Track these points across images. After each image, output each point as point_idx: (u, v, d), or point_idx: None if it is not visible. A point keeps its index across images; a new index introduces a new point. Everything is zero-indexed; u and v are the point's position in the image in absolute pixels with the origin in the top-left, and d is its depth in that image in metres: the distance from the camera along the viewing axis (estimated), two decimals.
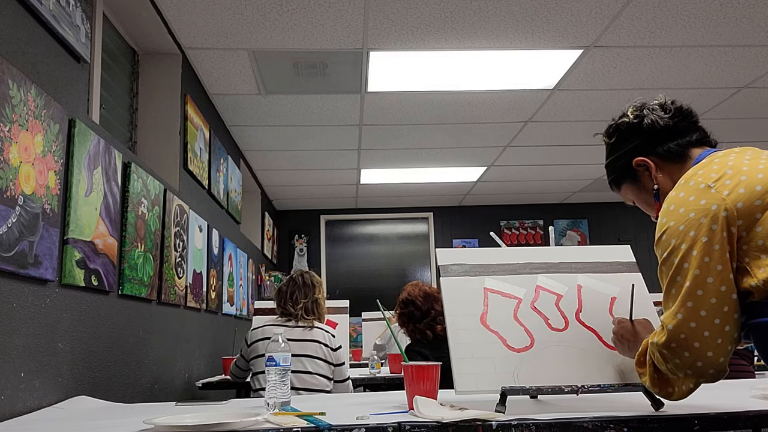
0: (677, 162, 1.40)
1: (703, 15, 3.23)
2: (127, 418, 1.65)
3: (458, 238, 7.74)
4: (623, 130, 1.47)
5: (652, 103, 1.46)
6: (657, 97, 1.47)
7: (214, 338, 4.14)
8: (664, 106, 1.44)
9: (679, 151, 1.40)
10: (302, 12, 3.07)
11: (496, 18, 3.19)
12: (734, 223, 1.17)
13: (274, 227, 7.28)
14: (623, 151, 1.47)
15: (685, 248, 1.19)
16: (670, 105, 1.44)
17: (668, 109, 1.43)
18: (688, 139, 1.41)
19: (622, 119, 1.48)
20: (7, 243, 1.68)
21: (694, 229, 1.19)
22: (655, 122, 1.42)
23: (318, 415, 1.42)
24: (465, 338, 1.54)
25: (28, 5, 1.87)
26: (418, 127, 4.79)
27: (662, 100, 1.45)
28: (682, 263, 1.19)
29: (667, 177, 1.41)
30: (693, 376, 1.21)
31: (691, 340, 1.17)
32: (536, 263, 1.71)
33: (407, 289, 2.91)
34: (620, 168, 1.49)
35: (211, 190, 4.04)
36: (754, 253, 1.16)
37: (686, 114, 1.43)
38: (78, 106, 2.22)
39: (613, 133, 1.50)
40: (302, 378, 2.72)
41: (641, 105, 1.46)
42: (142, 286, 2.69)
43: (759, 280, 1.14)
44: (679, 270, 1.20)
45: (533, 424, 1.32)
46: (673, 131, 1.41)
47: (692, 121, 1.43)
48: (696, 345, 1.17)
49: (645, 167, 1.43)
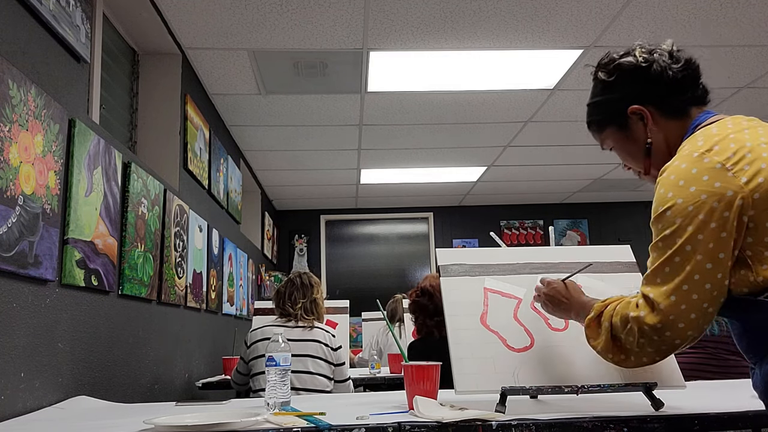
0: (675, 118, 1.31)
1: (703, 15, 3.23)
2: (127, 418, 1.65)
3: (458, 238, 7.74)
4: (626, 70, 1.33)
5: (661, 47, 1.33)
6: (665, 42, 1.34)
7: (214, 338, 4.14)
8: (673, 54, 1.32)
9: (680, 107, 1.31)
10: (302, 12, 3.07)
11: (496, 18, 3.19)
12: (747, 213, 1.11)
13: (274, 227, 7.28)
14: (620, 93, 1.34)
15: (691, 231, 1.12)
16: (678, 54, 1.32)
17: (677, 59, 1.31)
18: (691, 96, 1.31)
19: (626, 58, 1.34)
20: (7, 243, 1.68)
21: (703, 213, 1.11)
22: (664, 70, 1.30)
23: (318, 415, 1.42)
24: (465, 338, 1.54)
25: (28, 5, 1.87)
26: (418, 127, 4.79)
27: (670, 47, 1.32)
28: (685, 245, 1.13)
29: (661, 132, 1.32)
30: (666, 352, 1.18)
31: (677, 321, 1.14)
32: (536, 263, 1.71)
33: (429, 279, 2.80)
34: (611, 111, 1.36)
35: (211, 190, 4.04)
36: (758, 247, 1.11)
37: (694, 68, 1.32)
38: (78, 106, 2.22)
39: (613, 70, 1.35)
40: (302, 378, 2.72)
41: (650, 48, 1.33)
42: (142, 286, 2.69)
43: (759, 276, 1.11)
44: (680, 251, 1.14)
45: (533, 424, 1.32)
46: (679, 84, 1.30)
47: (697, 76, 1.33)
48: (680, 326, 1.14)
49: (640, 116, 1.32)
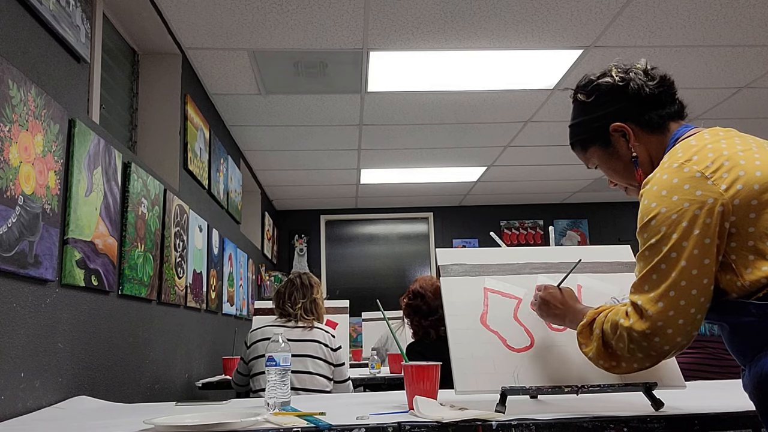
0: (655, 133, 1.36)
1: (703, 15, 3.23)
2: (127, 418, 1.65)
3: (458, 238, 7.74)
4: (604, 90, 1.39)
5: (635, 67, 1.39)
6: (639, 62, 1.40)
7: (214, 338, 4.14)
8: (648, 72, 1.38)
9: (659, 122, 1.35)
10: (302, 12, 3.07)
11: (496, 18, 3.19)
12: (728, 219, 1.15)
13: (274, 227, 7.28)
14: (601, 113, 1.39)
15: (675, 238, 1.16)
16: (652, 72, 1.38)
17: (652, 77, 1.37)
18: (668, 111, 1.36)
19: (603, 78, 1.40)
20: (7, 243, 1.68)
21: (687, 220, 1.16)
22: (641, 88, 1.36)
23: (318, 415, 1.42)
24: (465, 338, 1.54)
25: (28, 5, 1.87)
26: (418, 127, 4.79)
27: (645, 66, 1.39)
28: (670, 252, 1.17)
29: (644, 147, 1.36)
30: (656, 358, 1.22)
31: (665, 327, 1.17)
32: (536, 263, 1.71)
33: (419, 281, 2.82)
34: (593, 130, 1.41)
35: (211, 190, 4.04)
36: (742, 252, 1.15)
37: (668, 84, 1.38)
38: (78, 106, 2.22)
39: (592, 91, 1.41)
40: (302, 378, 2.72)
41: (627, 68, 1.39)
42: (142, 286, 2.69)
43: (745, 280, 1.14)
44: (666, 258, 1.17)
45: (533, 424, 1.32)
46: (656, 100, 1.36)
47: (672, 92, 1.39)
48: (669, 332, 1.17)
49: (622, 133, 1.37)
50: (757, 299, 1.13)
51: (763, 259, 1.13)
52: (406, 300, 2.81)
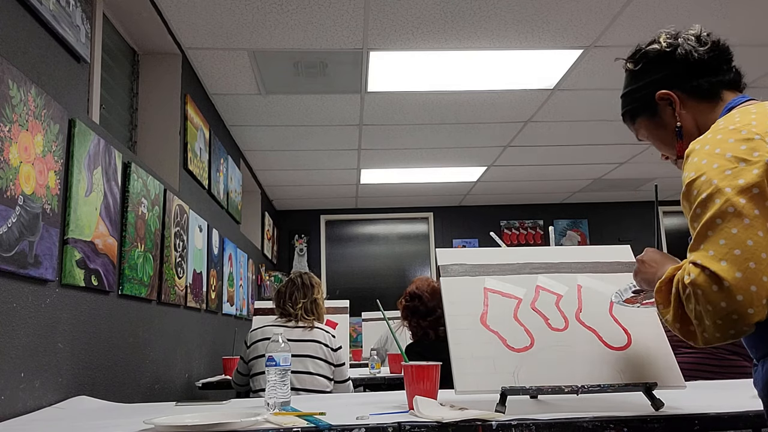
0: (706, 101, 1.29)
1: (703, 15, 3.23)
2: (127, 418, 1.65)
3: (458, 238, 7.74)
4: (651, 57, 1.34)
5: (688, 32, 1.33)
6: (692, 27, 1.34)
7: (214, 338, 4.14)
8: (700, 37, 1.31)
9: (709, 89, 1.29)
10: (302, 12, 3.07)
11: (496, 18, 3.19)
12: None
13: (274, 227, 7.28)
14: (647, 80, 1.34)
15: (731, 193, 1.05)
16: (706, 37, 1.31)
17: (704, 42, 1.30)
18: (721, 78, 1.29)
19: (651, 45, 1.34)
20: (7, 243, 1.68)
21: (743, 177, 1.05)
22: (689, 53, 1.29)
23: (318, 415, 1.42)
24: (465, 338, 1.54)
25: (28, 5, 1.87)
26: (418, 127, 4.79)
27: (698, 31, 1.32)
28: (727, 207, 1.04)
29: (691, 115, 1.30)
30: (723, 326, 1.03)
31: (735, 292, 1.01)
32: (536, 263, 1.71)
33: (416, 282, 2.84)
34: (640, 99, 1.35)
35: (211, 190, 4.04)
36: None
37: (723, 50, 1.31)
38: (78, 106, 2.22)
39: (640, 59, 1.36)
40: (302, 378, 2.71)
41: (675, 33, 1.33)
42: (142, 286, 2.69)
43: None
44: (723, 214, 1.04)
45: (533, 424, 1.32)
46: (706, 66, 1.29)
47: (727, 59, 1.31)
48: (739, 298, 1.00)
49: (668, 101, 1.31)
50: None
51: None
52: (403, 302, 2.83)
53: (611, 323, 1.59)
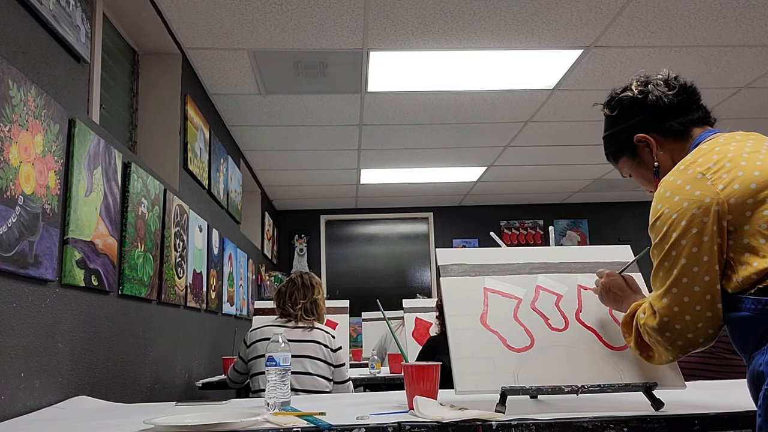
0: (678, 140, 1.41)
1: (703, 15, 3.23)
2: (127, 418, 1.65)
3: (458, 238, 7.74)
4: (626, 104, 1.46)
5: (657, 77, 1.45)
6: (661, 72, 1.46)
7: (214, 338, 4.14)
8: (668, 82, 1.43)
9: (680, 129, 1.41)
10: (302, 12, 3.07)
11: (496, 18, 3.19)
12: (725, 218, 1.19)
13: (274, 227, 7.28)
14: (625, 125, 1.47)
15: (675, 236, 1.22)
16: (674, 81, 1.43)
17: (672, 86, 1.42)
18: (690, 118, 1.41)
19: (625, 93, 1.47)
20: (7, 243, 1.68)
21: (685, 219, 1.21)
22: (659, 99, 1.41)
23: (318, 415, 1.42)
24: (465, 338, 1.54)
25: (28, 5, 1.87)
26: (418, 127, 4.79)
27: (666, 76, 1.44)
28: (671, 251, 1.23)
29: (668, 154, 1.42)
30: (676, 351, 1.28)
31: (672, 323, 1.24)
32: (536, 263, 1.71)
33: None
34: (620, 142, 1.49)
35: (211, 190, 4.04)
36: (738, 249, 1.19)
37: (690, 91, 1.44)
38: (78, 106, 2.22)
39: (615, 106, 1.49)
40: (301, 379, 2.71)
41: (645, 80, 1.45)
42: (142, 286, 2.69)
43: (739, 277, 1.17)
44: (668, 256, 1.24)
45: (533, 424, 1.32)
46: (676, 108, 1.41)
47: (695, 99, 1.44)
48: (677, 327, 1.24)
49: (646, 143, 1.43)
50: (749, 295, 1.16)
51: (754, 255, 1.16)
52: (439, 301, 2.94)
53: (611, 323, 1.59)
